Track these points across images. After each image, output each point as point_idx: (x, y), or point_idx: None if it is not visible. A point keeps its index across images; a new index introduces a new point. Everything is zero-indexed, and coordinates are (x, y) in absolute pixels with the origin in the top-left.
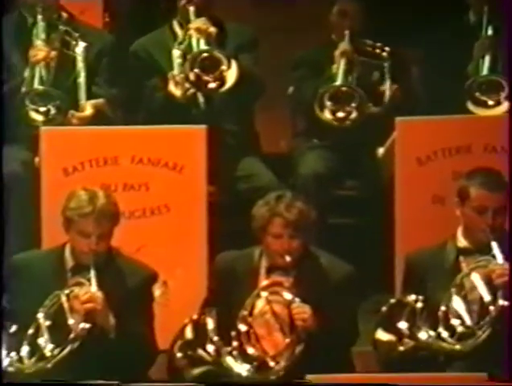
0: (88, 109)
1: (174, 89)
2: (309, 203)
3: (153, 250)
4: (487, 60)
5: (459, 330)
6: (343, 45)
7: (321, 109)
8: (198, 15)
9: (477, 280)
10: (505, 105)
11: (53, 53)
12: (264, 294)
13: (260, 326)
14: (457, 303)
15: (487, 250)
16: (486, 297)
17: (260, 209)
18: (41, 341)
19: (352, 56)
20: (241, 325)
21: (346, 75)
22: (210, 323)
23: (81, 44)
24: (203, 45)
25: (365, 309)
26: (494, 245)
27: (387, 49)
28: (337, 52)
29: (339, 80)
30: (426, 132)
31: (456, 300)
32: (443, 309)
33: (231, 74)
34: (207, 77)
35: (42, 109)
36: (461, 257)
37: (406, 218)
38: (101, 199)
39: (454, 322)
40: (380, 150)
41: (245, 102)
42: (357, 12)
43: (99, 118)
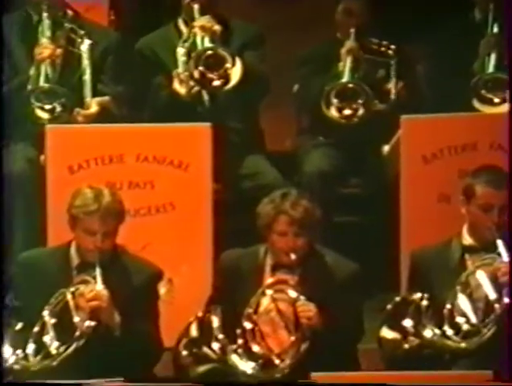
0: (93, 107)
1: (178, 87)
2: (314, 201)
3: (158, 248)
4: (493, 58)
5: (464, 328)
6: (349, 43)
7: (327, 107)
8: (203, 13)
9: (483, 278)
10: (506, 105)
11: (58, 51)
12: (269, 292)
13: (265, 324)
14: (462, 301)
15: (492, 248)
16: (491, 295)
17: (265, 207)
18: (46, 339)
19: (358, 54)
20: (246, 323)
21: (352, 72)
22: (215, 321)
23: (87, 42)
24: (207, 43)
25: (370, 307)
26: (500, 243)
27: (393, 47)
28: (343, 50)
29: (345, 77)
30: (431, 130)
31: (462, 298)
32: (448, 307)
33: (235, 72)
34: (211, 75)
35: (47, 107)
36: (467, 255)
37: (411, 216)
38: (107, 197)
39: (459, 320)
40: (385, 148)
41: (250, 100)
42: (362, 10)
43: (104, 116)
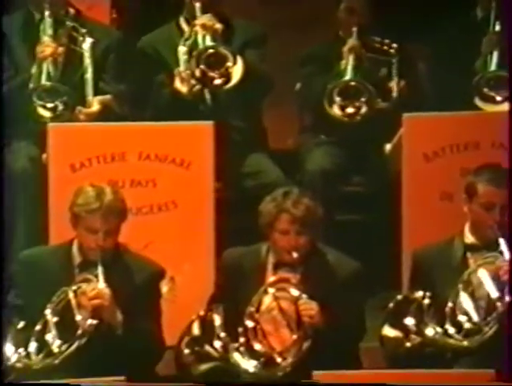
0: (95, 105)
1: (180, 85)
2: (316, 200)
3: (160, 246)
4: (495, 56)
5: (466, 326)
6: (351, 41)
7: (330, 105)
8: (204, 11)
9: (484, 276)
10: (505, 104)
11: (60, 49)
12: (271, 290)
13: (267, 323)
14: (464, 299)
15: (494, 246)
16: (493, 293)
17: (267, 205)
18: (49, 337)
19: (360, 52)
20: (248, 321)
21: (355, 70)
22: (217, 319)
23: (88, 40)
24: (209, 41)
25: (372, 305)
26: (502, 242)
27: (395, 45)
28: (346, 48)
29: (348, 76)
30: (433, 128)
31: (463, 296)
32: (450, 305)
33: (237, 70)
34: (213, 73)
35: (49, 105)
36: (469, 254)
37: (413, 214)
38: (109, 195)
39: (461, 319)
40: (387, 146)
41: (252, 98)
42: (364, 9)
43: (106, 114)
